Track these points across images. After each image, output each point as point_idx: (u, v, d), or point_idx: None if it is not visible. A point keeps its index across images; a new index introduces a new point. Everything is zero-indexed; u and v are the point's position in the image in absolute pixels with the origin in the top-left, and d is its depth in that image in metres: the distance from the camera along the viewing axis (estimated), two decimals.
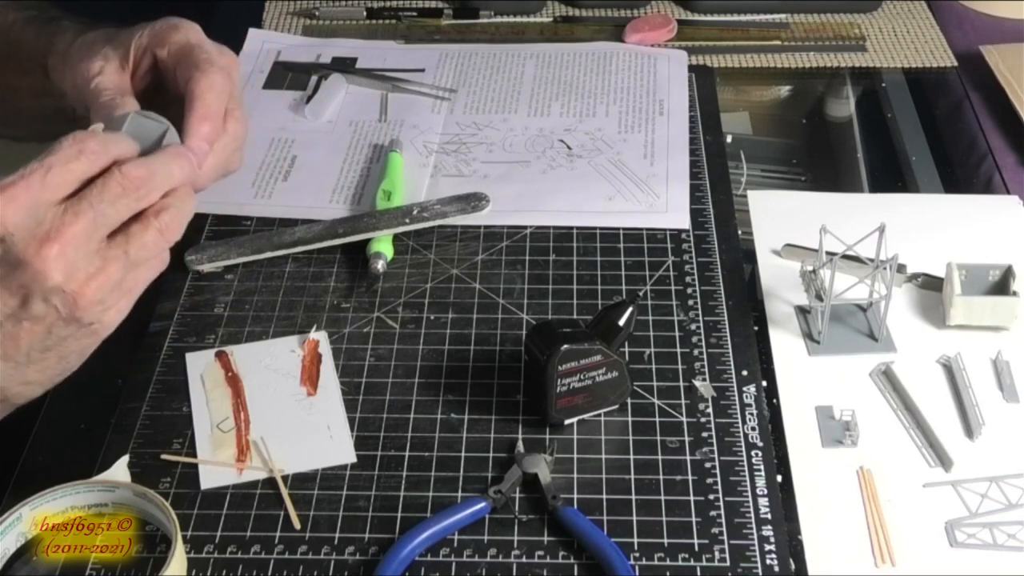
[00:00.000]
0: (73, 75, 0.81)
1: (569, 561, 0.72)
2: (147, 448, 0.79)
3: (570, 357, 0.76)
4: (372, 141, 1.06)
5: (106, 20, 0.88)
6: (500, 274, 0.92)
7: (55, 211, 0.66)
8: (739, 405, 0.81)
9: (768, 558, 0.71)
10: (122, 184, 0.68)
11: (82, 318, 0.68)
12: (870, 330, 0.86)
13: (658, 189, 0.99)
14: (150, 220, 0.70)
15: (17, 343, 0.68)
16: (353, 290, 0.91)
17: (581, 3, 1.25)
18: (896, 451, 0.78)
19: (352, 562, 0.72)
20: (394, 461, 0.78)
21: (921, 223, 0.95)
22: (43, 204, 0.66)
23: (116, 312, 0.70)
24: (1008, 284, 0.86)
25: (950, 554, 0.72)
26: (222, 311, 0.89)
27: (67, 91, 0.83)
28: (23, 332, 0.68)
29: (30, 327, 0.67)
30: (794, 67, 1.18)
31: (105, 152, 0.69)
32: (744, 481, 0.76)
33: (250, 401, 0.82)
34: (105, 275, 0.68)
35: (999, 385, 0.82)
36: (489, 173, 1.02)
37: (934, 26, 1.23)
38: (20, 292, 0.66)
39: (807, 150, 1.13)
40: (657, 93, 1.11)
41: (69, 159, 0.67)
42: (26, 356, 0.69)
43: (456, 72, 1.15)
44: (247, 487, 0.77)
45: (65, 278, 0.66)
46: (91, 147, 0.68)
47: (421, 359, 0.85)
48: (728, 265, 0.92)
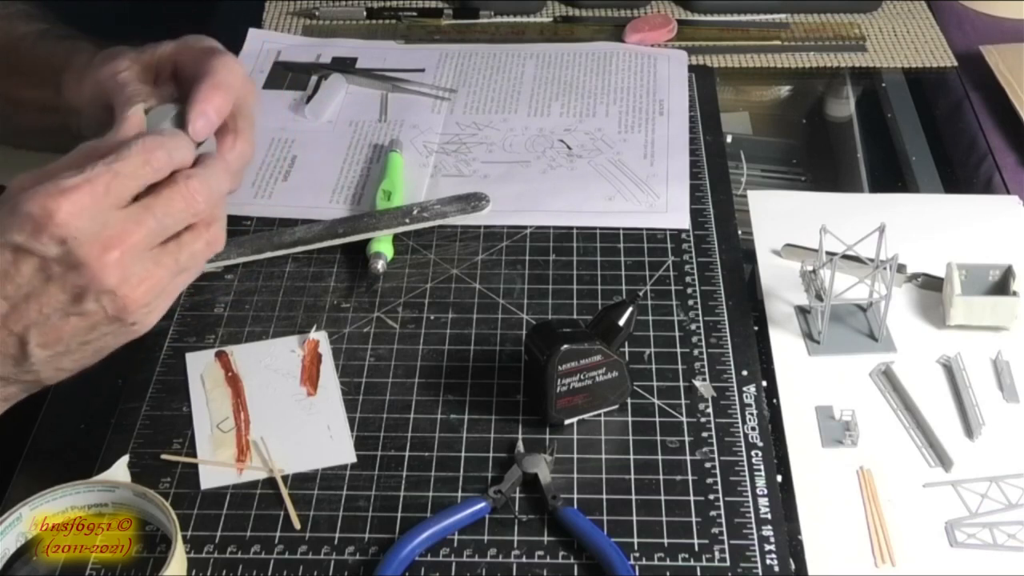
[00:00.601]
0: (95, 79, 0.81)
1: (569, 561, 0.72)
2: (147, 448, 0.79)
3: (570, 357, 0.76)
4: (372, 141, 1.06)
5: (106, 20, 0.88)
6: (500, 274, 0.92)
7: (118, 217, 0.67)
8: (739, 405, 0.81)
9: (768, 558, 0.71)
10: (185, 199, 0.70)
11: (126, 319, 0.70)
12: (870, 330, 0.86)
13: (658, 189, 0.99)
14: (201, 231, 0.72)
15: (59, 335, 0.69)
16: (353, 290, 0.91)
17: (581, 3, 1.25)
18: (896, 451, 0.78)
19: (352, 562, 0.72)
20: (394, 461, 0.78)
21: (921, 223, 0.95)
22: (107, 209, 0.67)
23: (156, 314, 0.72)
24: (1008, 284, 0.86)
25: (950, 554, 0.72)
26: (222, 311, 0.89)
27: (82, 106, 0.83)
28: (68, 326, 0.69)
29: (76, 322, 0.69)
30: (794, 67, 1.18)
31: (170, 164, 0.70)
32: (744, 481, 0.76)
33: (250, 401, 0.82)
34: (155, 280, 0.70)
35: (999, 385, 0.82)
36: (489, 173, 1.02)
37: (934, 26, 1.23)
38: (74, 291, 0.68)
39: (807, 150, 1.13)
40: (657, 93, 1.11)
41: (137, 169, 0.68)
42: (65, 347, 0.70)
43: (456, 72, 1.15)
44: (247, 487, 0.77)
45: (119, 282, 0.68)
46: (159, 159, 0.69)
47: (421, 359, 0.85)
48: (728, 265, 0.92)
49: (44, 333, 0.69)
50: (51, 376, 0.72)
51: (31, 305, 0.68)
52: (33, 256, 0.67)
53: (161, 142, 0.70)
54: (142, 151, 0.69)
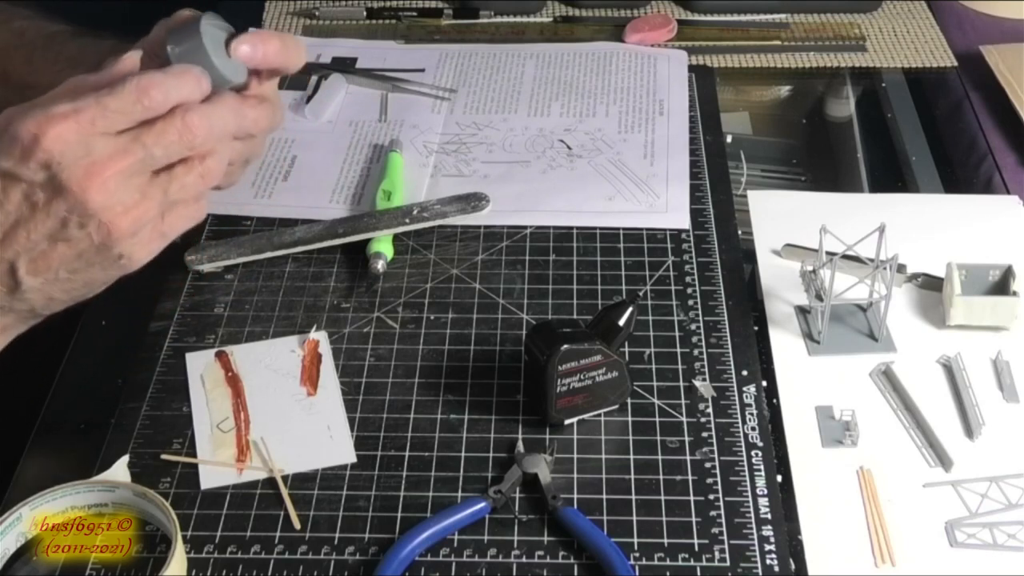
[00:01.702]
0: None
1: (569, 561, 0.72)
2: (147, 448, 0.79)
3: (570, 357, 0.76)
4: (372, 141, 1.06)
5: (106, 19, 0.88)
6: (500, 274, 0.92)
7: (105, 143, 0.67)
8: (739, 405, 0.81)
9: (768, 558, 0.71)
10: (180, 133, 0.69)
11: (112, 248, 0.70)
12: (870, 330, 0.86)
13: (658, 189, 0.99)
14: (194, 164, 0.71)
15: (48, 262, 0.70)
16: (353, 290, 0.91)
17: (581, 3, 1.25)
18: (896, 451, 0.78)
19: (352, 562, 0.72)
20: (394, 461, 0.78)
21: (921, 223, 0.95)
22: (93, 136, 0.67)
23: (146, 251, 0.72)
24: (1008, 284, 0.86)
25: (950, 554, 0.72)
26: (222, 311, 0.89)
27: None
28: (55, 253, 0.70)
29: (63, 249, 0.69)
30: (794, 67, 1.18)
31: (166, 102, 0.69)
32: (744, 481, 0.76)
33: (250, 401, 0.82)
34: (141, 210, 0.70)
35: (999, 385, 0.82)
36: (489, 173, 1.02)
37: (934, 26, 1.23)
38: (58, 216, 0.68)
39: (807, 150, 1.13)
40: (657, 93, 1.11)
41: (127, 105, 0.68)
42: (54, 275, 0.71)
43: (456, 72, 1.15)
44: (247, 487, 0.77)
45: (102, 208, 0.68)
46: (154, 98, 0.68)
47: (421, 359, 0.85)
48: (728, 265, 0.92)
49: (33, 260, 0.69)
50: (43, 305, 0.73)
51: (19, 232, 0.68)
52: (20, 183, 0.67)
53: (160, 80, 0.69)
54: (135, 89, 0.68)
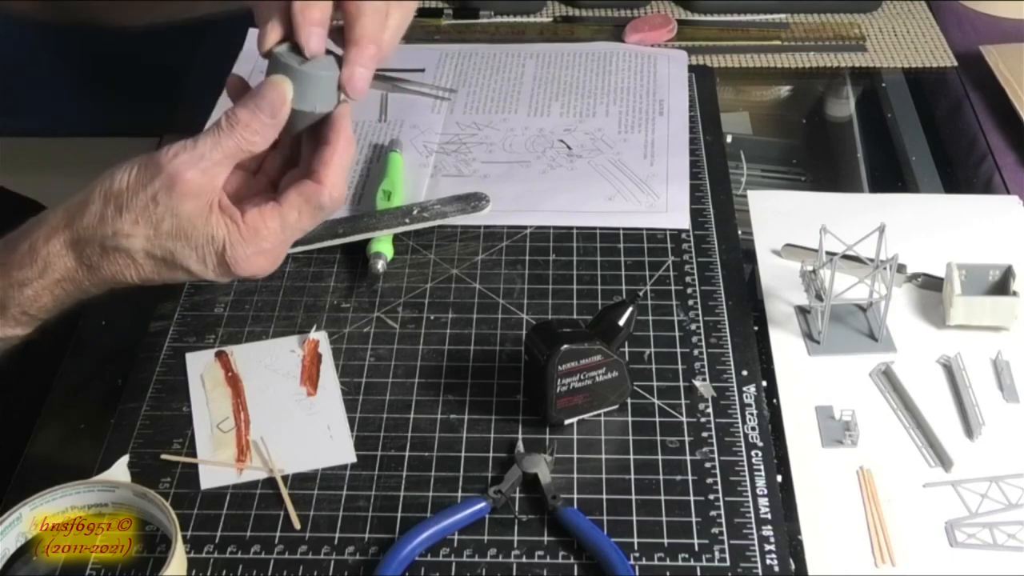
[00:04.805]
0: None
1: (569, 561, 0.72)
2: (147, 448, 0.79)
3: (570, 357, 0.76)
4: (372, 141, 1.06)
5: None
6: (500, 274, 0.92)
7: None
8: (739, 405, 0.81)
9: (768, 558, 0.71)
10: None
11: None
12: (870, 330, 0.86)
13: (658, 189, 0.99)
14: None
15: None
16: (353, 290, 0.91)
17: (581, 3, 1.25)
18: (896, 451, 0.78)
19: (352, 562, 0.72)
20: (394, 461, 0.78)
21: (921, 223, 0.95)
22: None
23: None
24: (1008, 284, 0.86)
25: (950, 554, 0.72)
26: (222, 311, 0.89)
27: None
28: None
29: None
30: (794, 67, 1.18)
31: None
32: (744, 481, 0.76)
33: (250, 401, 0.82)
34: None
35: (999, 385, 0.82)
36: (489, 173, 1.02)
37: (934, 26, 1.23)
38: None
39: (807, 150, 1.13)
40: (657, 93, 1.11)
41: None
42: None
43: (456, 72, 1.15)
44: (247, 487, 0.77)
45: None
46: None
47: (421, 359, 0.85)
48: (728, 265, 0.92)
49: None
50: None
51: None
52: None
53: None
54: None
